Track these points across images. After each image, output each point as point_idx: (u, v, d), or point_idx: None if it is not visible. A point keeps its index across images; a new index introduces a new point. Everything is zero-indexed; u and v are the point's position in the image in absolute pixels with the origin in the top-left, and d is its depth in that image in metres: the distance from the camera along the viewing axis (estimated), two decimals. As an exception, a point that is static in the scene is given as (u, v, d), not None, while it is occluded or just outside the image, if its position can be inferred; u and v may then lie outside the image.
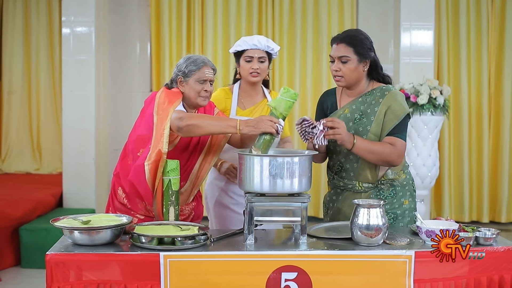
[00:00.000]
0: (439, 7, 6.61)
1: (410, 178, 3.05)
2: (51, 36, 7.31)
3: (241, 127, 2.75)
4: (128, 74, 6.92)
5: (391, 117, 2.89)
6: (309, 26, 6.77)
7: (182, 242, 2.48)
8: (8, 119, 7.43)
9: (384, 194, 2.96)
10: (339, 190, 3.05)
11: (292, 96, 2.75)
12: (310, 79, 6.76)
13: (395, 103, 2.91)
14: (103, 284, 2.41)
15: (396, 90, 2.98)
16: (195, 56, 3.02)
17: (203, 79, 2.97)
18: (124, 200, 3.00)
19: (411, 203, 3.02)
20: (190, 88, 2.98)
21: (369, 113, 2.93)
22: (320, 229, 2.83)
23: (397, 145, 2.86)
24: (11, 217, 5.18)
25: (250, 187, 2.60)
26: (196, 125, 2.80)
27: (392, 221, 2.95)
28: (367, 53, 2.91)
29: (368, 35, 2.98)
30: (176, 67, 3.04)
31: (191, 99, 3.00)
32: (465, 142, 6.71)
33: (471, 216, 6.78)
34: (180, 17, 6.79)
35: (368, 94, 2.97)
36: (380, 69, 3.00)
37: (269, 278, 2.43)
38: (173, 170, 2.79)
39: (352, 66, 2.90)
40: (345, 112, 2.99)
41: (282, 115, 2.76)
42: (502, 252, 2.53)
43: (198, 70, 2.96)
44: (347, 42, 2.90)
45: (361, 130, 2.93)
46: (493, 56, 6.70)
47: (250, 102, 3.42)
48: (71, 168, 6.01)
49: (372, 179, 2.96)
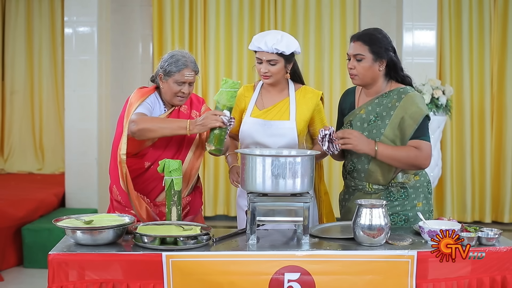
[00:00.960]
0: (442, 7, 6.60)
1: (425, 181, 3.01)
2: (53, 36, 7.31)
3: (191, 127, 2.80)
4: (130, 74, 6.92)
5: (410, 123, 2.86)
6: (311, 26, 6.76)
7: (184, 242, 2.48)
8: (10, 119, 7.43)
9: (395, 196, 2.94)
10: (351, 190, 3.05)
11: (231, 86, 2.77)
12: (312, 79, 6.76)
13: (412, 107, 2.87)
14: (105, 284, 2.41)
15: (413, 93, 2.92)
16: (178, 55, 3.00)
17: (182, 81, 2.97)
18: (119, 197, 3.02)
19: (425, 205, 2.98)
20: (168, 87, 3.00)
21: (384, 116, 2.91)
22: (323, 229, 2.83)
23: (422, 148, 2.84)
24: (14, 217, 5.18)
25: (253, 187, 2.59)
26: (148, 129, 2.84)
27: (403, 223, 2.94)
28: (383, 52, 2.88)
29: (387, 35, 2.95)
30: (160, 62, 3.04)
31: (168, 97, 3.03)
32: (467, 142, 6.70)
33: (473, 216, 6.77)
34: (182, 17, 6.79)
35: (385, 95, 2.94)
36: (400, 69, 2.96)
37: (272, 278, 2.43)
38: (175, 170, 2.79)
39: (367, 64, 2.88)
40: (361, 112, 2.98)
41: (226, 107, 2.78)
42: (505, 252, 2.52)
43: (178, 72, 2.96)
44: (363, 40, 2.88)
45: (374, 132, 2.91)
46: (496, 56, 6.68)
47: (270, 101, 3.23)
48: (73, 168, 6.01)
49: (383, 182, 2.94)
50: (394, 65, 2.94)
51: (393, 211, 2.94)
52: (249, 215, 2.58)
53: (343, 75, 6.72)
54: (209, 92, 6.72)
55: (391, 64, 2.93)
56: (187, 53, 3.06)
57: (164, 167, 2.81)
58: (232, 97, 2.79)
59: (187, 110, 3.12)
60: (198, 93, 6.65)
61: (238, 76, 6.73)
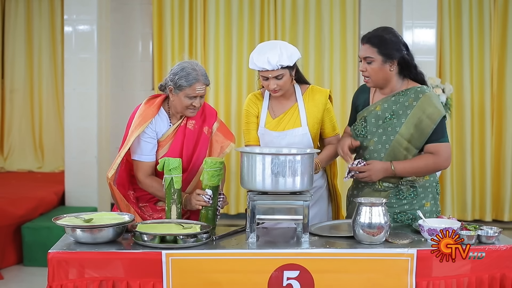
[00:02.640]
0: (442, 6, 6.60)
1: (434, 181, 3.01)
2: (53, 34, 7.31)
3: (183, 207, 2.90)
4: (130, 72, 6.92)
5: (428, 123, 2.86)
6: (311, 26, 6.75)
7: (184, 240, 2.49)
8: (10, 118, 7.43)
9: (404, 194, 2.94)
10: (360, 186, 3.05)
11: (211, 165, 2.79)
12: (312, 78, 6.75)
13: (429, 107, 2.87)
14: (105, 282, 2.41)
15: (431, 92, 2.92)
16: (189, 69, 2.92)
17: (193, 95, 2.92)
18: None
19: (433, 206, 2.98)
20: (179, 101, 2.94)
21: (401, 114, 2.91)
22: (322, 227, 2.83)
23: (440, 152, 2.87)
24: (14, 215, 5.18)
25: (252, 185, 2.59)
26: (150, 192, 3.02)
27: (410, 222, 2.94)
28: (392, 53, 2.87)
29: (397, 33, 2.94)
30: (170, 74, 2.96)
31: (178, 110, 2.99)
32: (467, 141, 6.70)
33: (473, 215, 6.77)
34: (182, 16, 6.78)
35: (402, 94, 2.94)
36: (414, 67, 2.96)
37: (271, 276, 2.43)
38: (175, 168, 2.79)
39: (377, 66, 2.88)
40: (376, 109, 2.97)
41: (208, 186, 2.81)
42: (504, 250, 2.53)
43: (189, 86, 2.90)
44: (372, 43, 2.88)
45: (389, 130, 2.91)
46: (496, 54, 6.68)
47: (280, 109, 3.20)
48: (73, 167, 6.01)
49: (394, 180, 2.94)
50: (407, 63, 2.93)
51: (401, 210, 2.94)
52: (249, 213, 2.58)
53: (343, 74, 6.72)
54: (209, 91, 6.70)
55: (403, 63, 2.92)
56: (197, 64, 2.98)
57: (164, 165, 2.81)
58: (213, 176, 2.80)
59: (195, 126, 3.05)
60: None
61: (237, 75, 6.72)
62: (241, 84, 6.74)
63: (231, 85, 6.71)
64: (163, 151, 3.00)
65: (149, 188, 2.98)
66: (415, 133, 2.88)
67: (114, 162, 2.91)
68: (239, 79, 6.71)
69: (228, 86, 6.71)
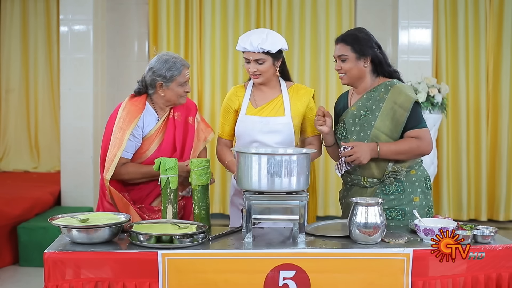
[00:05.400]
0: (437, 5, 6.60)
1: (423, 175, 3.04)
2: (49, 34, 7.29)
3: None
4: (126, 72, 6.91)
5: (401, 112, 2.92)
6: (307, 25, 6.75)
7: (180, 241, 2.48)
8: (6, 118, 7.41)
9: (390, 189, 2.97)
10: (348, 186, 3.10)
11: (197, 165, 2.80)
12: (308, 77, 6.75)
13: (400, 96, 2.94)
14: (101, 282, 2.41)
15: (400, 84, 3.00)
16: (171, 58, 3.02)
17: (184, 81, 3.02)
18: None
19: (423, 200, 3.01)
20: (172, 92, 3.03)
21: (374, 109, 2.97)
22: (318, 227, 2.84)
23: (422, 136, 2.93)
24: (9, 216, 5.17)
25: (248, 185, 2.60)
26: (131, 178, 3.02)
27: (400, 217, 2.96)
28: (366, 49, 2.97)
29: (369, 33, 3.04)
30: (151, 71, 3.03)
31: (172, 100, 3.05)
32: (463, 140, 6.71)
33: (469, 214, 6.78)
34: (178, 15, 6.77)
35: (373, 90, 3.02)
36: (387, 65, 3.04)
37: (267, 276, 2.44)
38: (171, 168, 2.79)
39: (351, 63, 2.98)
40: (352, 109, 3.05)
41: (197, 186, 2.80)
42: (500, 250, 2.53)
43: (179, 74, 3.00)
44: (345, 41, 3.00)
45: (365, 126, 2.97)
46: (491, 54, 6.69)
47: (263, 99, 3.23)
48: (69, 167, 6.00)
49: (378, 175, 2.98)
50: (380, 61, 3.02)
51: (390, 205, 2.97)
52: (245, 213, 2.58)
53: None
54: (205, 90, 6.71)
55: (376, 60, 3.01)
56: (172, 52, 3.11)
57: (160, 165, 2.80)
58: (201, 175, 2.81)
59: (180, 117, 3.14)
60: (194, 91, 6.67)
61: (233, 74, 6.71)
62: (236, 84, 6.72)
63: (227, 85, 6.70)
64: (155, 145, 3.05)
65: (125, 175, 2.99)
66: (390, 125, 2.94)
67: (110, 163, 2.91)
68: (235, 78, 6.70)
69: (224, 86, 6.70)
